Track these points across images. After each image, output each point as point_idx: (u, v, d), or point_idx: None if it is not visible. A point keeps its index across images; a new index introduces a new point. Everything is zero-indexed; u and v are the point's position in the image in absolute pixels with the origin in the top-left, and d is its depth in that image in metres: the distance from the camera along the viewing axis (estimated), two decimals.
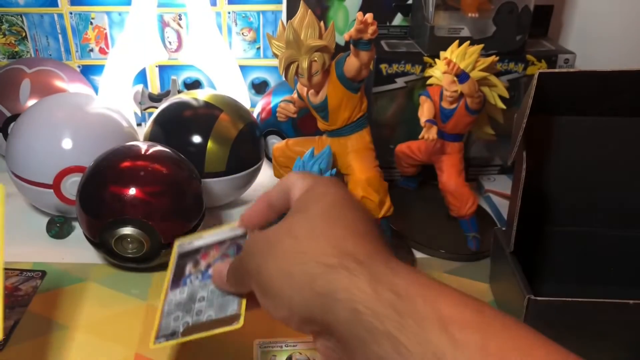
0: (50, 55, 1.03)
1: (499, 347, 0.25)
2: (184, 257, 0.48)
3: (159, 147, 0.71)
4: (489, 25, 0.82)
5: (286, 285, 0.31)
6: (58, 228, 0.76)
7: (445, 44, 0.73)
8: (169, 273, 0.47)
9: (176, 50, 1.02)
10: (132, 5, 0.93)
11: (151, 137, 0.79)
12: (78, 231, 0.77)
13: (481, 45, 0.70)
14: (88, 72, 1.04)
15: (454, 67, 0.69)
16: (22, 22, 1.00)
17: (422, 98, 0.75)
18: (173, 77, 0.96)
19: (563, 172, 0.68)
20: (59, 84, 0.90)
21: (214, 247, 0.47)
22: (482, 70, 0.70)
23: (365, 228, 0.32)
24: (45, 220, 0.78)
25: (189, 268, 0.47)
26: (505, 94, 0.73)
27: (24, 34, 1.01)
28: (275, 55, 0.66)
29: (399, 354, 0.26)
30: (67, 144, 0.73)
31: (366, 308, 0.28)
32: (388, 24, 0.91)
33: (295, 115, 0.73)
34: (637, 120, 0.65)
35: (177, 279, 0.46)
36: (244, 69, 1.02)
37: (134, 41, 0.93)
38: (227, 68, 0.97)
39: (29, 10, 0.99)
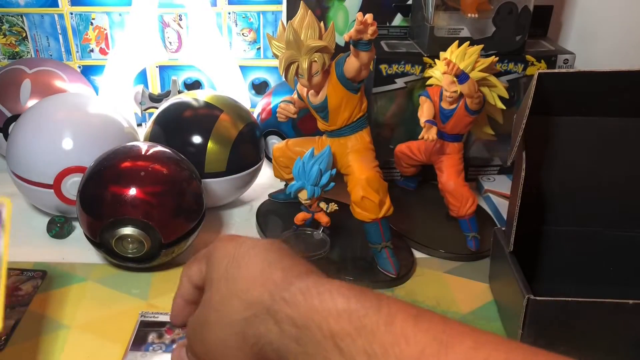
0: (51, 55, 1.03)
1: (382, 348, 0.28)
2: (147, 326, 0.50)
3: (159, 148, 0.71)
4: (488, 25, 0.82)
5: (228, 350, 0.35)
6: (58, 228, 0.76)
7: (445, 44, 0.74)
8: (130, 336, 0.48)
9: (176, 51, 1.03)
10: (133, 5, 0.93)
11: (151, 138, 0.79)
12: (78, 231, 0.77)
13: (481, 46, 0.70)
14: (88, 72, 1.04)
15: (453, 67, 0.69)
16: (23, 22, 1.00)
17: (422, 98, 0.75)
18: (173, 77, 0.96)
19: (563, 172, 0.68)
20: (59, 84, 0.90)
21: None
22: (481, 70, 0.70)
23: (264, 264, 0.35)
24: (45, 220, 0.78)
25: (152, 337, 0.49)
26: (505, 95, 0.73)
27: (24, 35, 1.01)
28: (276, 56, 0.66)
29: None
30: (67, 144, 0.73)
31: (281, 345, 0.32)
32: (388, 24, 0.91)
33: (295, 116, 0.73)
34: (637, 120, 0.65)
35: (139, 343, 0.47)
36: (244, 69, 1.02)
37: (134, 41, 0.93)
38: (227, 68, 0.97)
39: (29, 11, 0.99)
